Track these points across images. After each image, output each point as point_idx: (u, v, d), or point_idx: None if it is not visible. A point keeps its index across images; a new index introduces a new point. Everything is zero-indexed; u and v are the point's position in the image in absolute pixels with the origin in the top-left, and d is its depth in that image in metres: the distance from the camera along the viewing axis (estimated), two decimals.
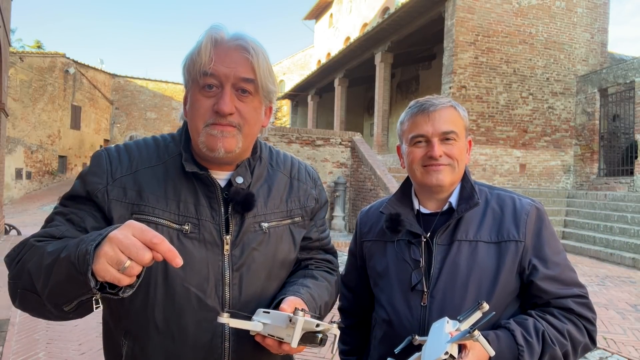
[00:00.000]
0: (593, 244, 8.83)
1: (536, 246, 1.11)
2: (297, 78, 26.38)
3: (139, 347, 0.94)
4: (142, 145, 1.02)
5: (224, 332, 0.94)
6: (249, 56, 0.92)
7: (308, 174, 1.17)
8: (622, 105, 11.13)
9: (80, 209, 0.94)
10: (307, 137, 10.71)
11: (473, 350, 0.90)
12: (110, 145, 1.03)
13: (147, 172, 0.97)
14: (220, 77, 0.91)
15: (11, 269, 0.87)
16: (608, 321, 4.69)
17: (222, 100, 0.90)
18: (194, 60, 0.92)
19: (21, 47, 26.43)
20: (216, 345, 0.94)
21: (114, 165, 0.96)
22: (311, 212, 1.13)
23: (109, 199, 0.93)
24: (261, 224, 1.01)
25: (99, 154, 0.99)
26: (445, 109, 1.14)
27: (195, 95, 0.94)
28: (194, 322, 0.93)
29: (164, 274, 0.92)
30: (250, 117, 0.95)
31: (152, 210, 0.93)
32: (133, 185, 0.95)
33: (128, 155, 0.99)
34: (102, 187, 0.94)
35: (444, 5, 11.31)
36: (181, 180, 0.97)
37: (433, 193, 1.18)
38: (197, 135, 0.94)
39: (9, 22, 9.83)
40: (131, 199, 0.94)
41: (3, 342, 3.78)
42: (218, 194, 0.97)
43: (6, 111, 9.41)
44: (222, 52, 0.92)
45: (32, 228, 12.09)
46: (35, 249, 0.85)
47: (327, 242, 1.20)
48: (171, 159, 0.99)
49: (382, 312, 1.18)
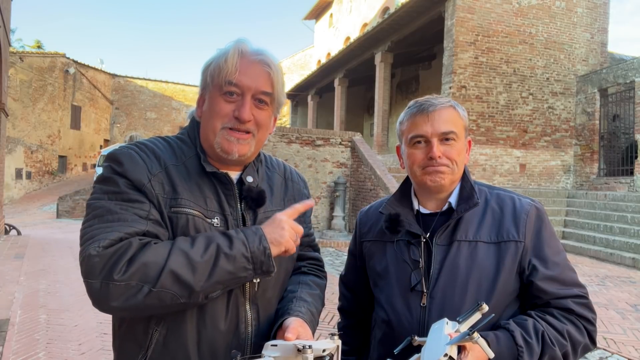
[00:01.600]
0: (593, 244, 8.83)
1: (536, 246, 1.10)
2: (297, 78, 26.36)
3: (173, 334, 0.97)
4: (159, 144, 1.05)
5: (247, 318, 1.02)
6: (270, 71, 1.03)
7: (298, 176, 1.28)
8: (622, 105, 11.13)
9: (140, 207, 0.93)
10: (307, 137, 10.71)
11: (472, 351, 0.90)
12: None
13: (175, 170, 1.02)
14: (243, 88, 1.00)
15: (118, 270, 0.84)
16: (608, 321, 4.69)
17: (243, 109, 1.00)
18: (220, 67, 1.00)
19: (21, 47, 26.44)
20: (241, 331, 1.01)
21: (147, 162, 0.99)
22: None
23: (156, 192, 0.96)
24: (268, 219, 1.07)
25: (128, 152, 0.99)
26: (444, 109, 1.13)
27: (216, 98, 1.02)
28: (224, 308, 1.00)
29: None
30: (263, 125, 1.05)
31: (188, 203, 0.99)
32: (167, 180, 1.00)
33: (154, 153, 1.02)
34: (146, 182, 0.96)
35: (444, 5, 11.31)
36: (202, 178, 1.04)
37: (432, 193, 1.17)
38: (214, 135, 1.01)
39: (9, 22, 9.83)
40: (169, 194, 0.99)
41: (3, 342, 3.78)
42: (235, 191, 1.05)
43: (6, 111, 9.41)
44: (246, 64, 1.01)
45: (32, 228, 12.08)
46: (159, 248, 0.88)
47: (313, 239, 1.29)
48: (189, 160, 1.05)
49: (382, 313, 1.18)
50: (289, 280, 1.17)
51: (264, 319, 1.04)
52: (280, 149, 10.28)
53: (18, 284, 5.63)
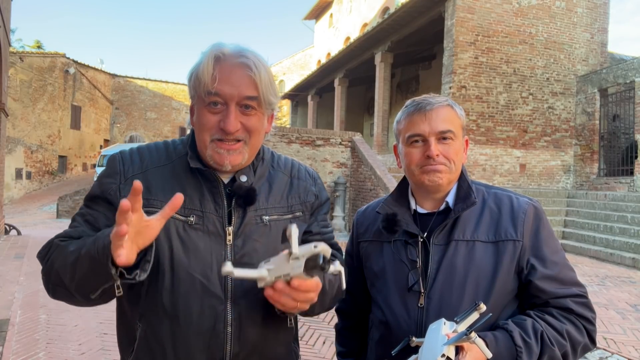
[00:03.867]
0: (593, 244, 8.83)
1: (534, 245, 1.10)
2: (297, 78, 26.37)
3: (151, 330, 1.00)
4: (153, 148, 1.11)
5: (227, 318, 0.99)
6: (252, 74, 0.96)
7: (308, 173, 1.22)
8: (622, 105, 11.12)
9: (95, 209, 1.04)
10: (307, 137, 10.71)
11: (470, 352, 0.89)
12: (125, 149, 1.12)
13: (156, 171, 1.05)
14: (225, 97, 0.96)
15: (43, 267, 1.00)
16: (608, 321, 4.68)
17: (228, 120, 0.96)
18: (198, 79, 0.97)
19: (21, 47, 26.45)
20: (219, 331, 0.99)
21: (127, 166, 1.05)
22: (311, 207, 1.16)
23: (121, 195, 0.99)
24: (262, 217, 1.06)
25: (114, 157, 1.08)
26: (441, 108, 1.12)
27: (201, 110, 1.00)
28: (198, 308, 0.98)
29: (170, 262, 0.98)
30: (254, 130, 1.01)
31: (160, 204, 0.98)
32: (143, 182, 0.99)
33: (139, 157, 1.07)
34: (115, 187, 1.02)
35: (444, 5, 11.30)
36: (187, 177, 1.04)
37: (430, 193, 1.17)
38: (205, 148, 1.01)
39: (9, 22, 9.83)
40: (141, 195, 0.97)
41: (3, 342, 3.78)
42: (221, 189, 1.04)
43: (6, 111, 9.41)
44: (225, 70, 0.96)
45: (32, 228, 12.09)
46: (60, 249, 0.97)
47: (330, 237, 1.21)
48: (178, 159, 1.07)
49: (379, 314, 1.17)
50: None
51: (249, 319, 0.99)
52: (280, 149, 10.27)
53: (18, 284, 5.63)
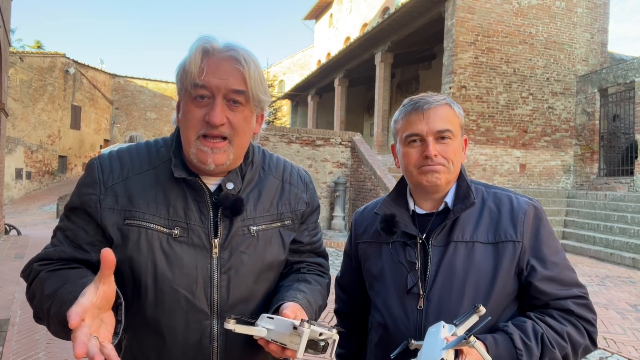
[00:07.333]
0: (593, 244, 8.82)
1: (534, 246, 1.08)
2: (297, 78, 26.35)
3: (137, 343, 0.99)
4: (134, 151, 1.04)
5: (213, 333, 0.97)
6: (240, 67, 0.93)
7: (300, 178, 1.16)
8: (622, 105, 11.11)
9: (74, 222, 0.99)
10: (307, 137, 10.69)
11: (469, 355, 0.88)
12: (104, 152, 1.07)
13: (138, 179, 0.99)
14: (212, 89, 0.92)
15: (26, 290, 0.98)
16: (608, 321, 4.67)
17: (213, 112, 0.92)
18: (186, 71, 0.93)
19: (21, 47, 26.43)
20: (205, 345, 0.97)
21: (106, 174, 0.99)
22: (301, 215, 1.13)
23: (102, 207, 0.96)
24: (250, 228, 1.02)
25: (92, 163, 1.02)
26: (440, 107, 1.10)
27: (187, 105, 0.95)
28: (183, 323, 0.96)
29: (153, 277, 0.95)
30: (240, 128, 0.96)
31: (143, 216, 0.96)
32: (124, 192, 0.98)
33: (120, 162, 1.01)
34: (94, 198, 0.97)
35: (444, 5, 11.29)
36: (171, 185, 0.99)
37: (428, 193, 1.15)
38: (189, 146, 0.96)
39: (9, 22, 9.82)
40: (123, 206, 0.97)
41: (3, 342, 3.77)
42: (207, 199, 0.99)
43: (6, 111, 9.40)
44: (213, 63, 0.93)
45: (32, 228, 12.08)
46: (38, 283, 0.93)
47: (319, 245, 1.20)
48: (162, 164, 1.01)
49: (378, 316, 1.16)
50: (286, 279, 1.09)
51: (235, 334, 0.90)
52: (280, 149, 10.27)
53: (18, 284, 5.61)
